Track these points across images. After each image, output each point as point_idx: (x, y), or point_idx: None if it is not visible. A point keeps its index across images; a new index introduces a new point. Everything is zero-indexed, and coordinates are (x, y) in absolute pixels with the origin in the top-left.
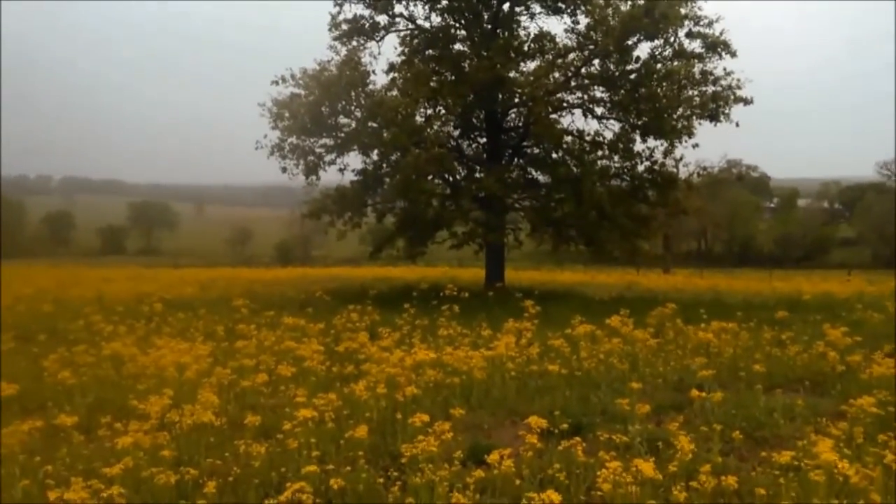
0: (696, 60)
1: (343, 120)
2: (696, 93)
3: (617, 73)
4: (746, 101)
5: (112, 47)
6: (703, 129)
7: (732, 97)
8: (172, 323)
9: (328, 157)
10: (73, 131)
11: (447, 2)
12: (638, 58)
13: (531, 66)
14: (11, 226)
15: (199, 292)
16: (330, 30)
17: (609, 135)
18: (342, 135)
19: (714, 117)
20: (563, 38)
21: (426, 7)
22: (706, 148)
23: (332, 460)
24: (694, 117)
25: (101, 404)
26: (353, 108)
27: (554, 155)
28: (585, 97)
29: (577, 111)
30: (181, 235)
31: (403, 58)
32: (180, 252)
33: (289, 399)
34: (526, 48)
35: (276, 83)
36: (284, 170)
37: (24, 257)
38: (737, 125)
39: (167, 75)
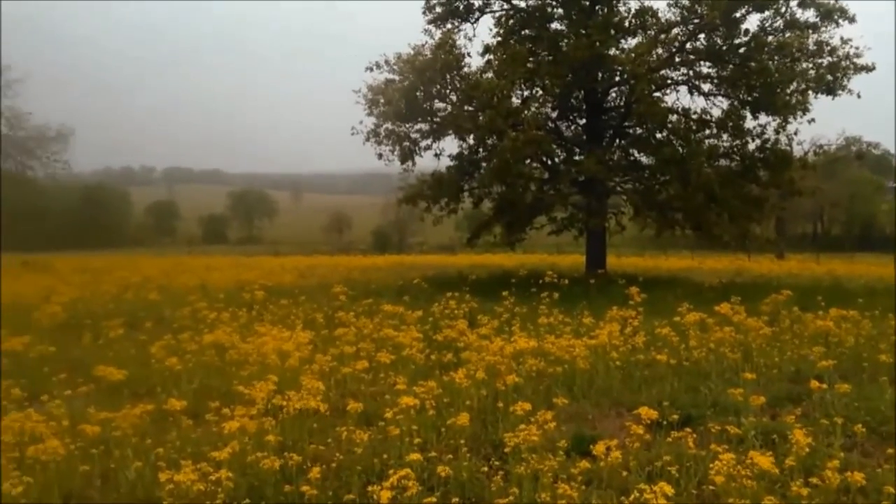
0: (810, 31)
1: (438, 104)
2: (810, 65)
3: (724, 48)
4: (868, 69)
5: (209, 45)
6: (820, 104)
7: (852, 67)
8: (273, 310)
9: (424, 143)
10: (177, 124)
11: None
12: (747, 31)
13: (632, 42)
14: (118, 216)
15: (298, 280)
16: (424, 13)
17: (717, 112)
18: (437, 119)
19: (831, 90)
20: (665, 13)
21: None
22: (822, 124)
23: (433, 448)
24: (809, 91)
25: (206, 390)
26: (448, 91)
27: (658, 135)
28: (691, 73)
29: (683, 88)
30: (280, 224)
31: (499, 39)
32: (279, 240)
33: (389, 386)
34: (627, 24)
35: (371, 69)
36: (380, 156)
37: (129, 246)
38: (858, 96)
39: (262, 68)
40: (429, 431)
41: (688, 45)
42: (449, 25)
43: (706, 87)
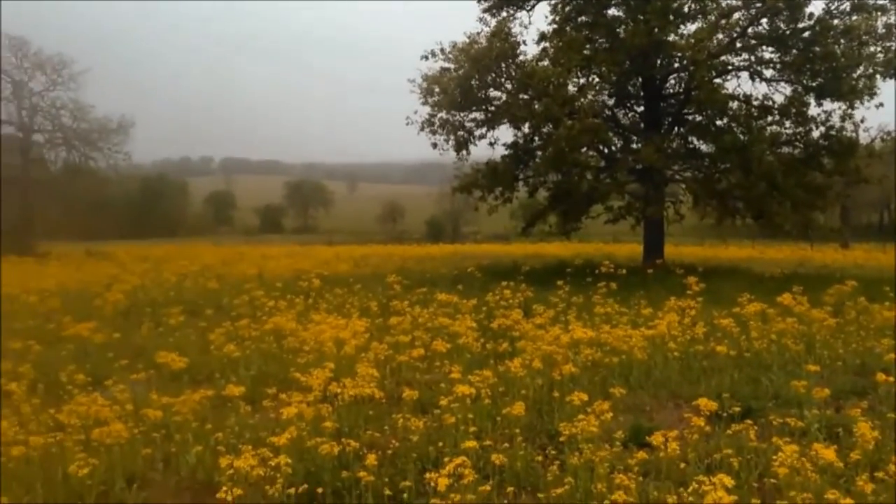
0: (878, 13)
1: (493, 93)
2: (878, 48)
3: (788, 32)
4: None
5: (267, 38)
6: (888, 88)
7: None
8: (329, 299)
9: (478, 132)
10: (234, 115)
11: None
12: (811, 14)
13: (692, 28)
14: (177, 206)
15: (353, 269)
16: (479, 1)
17: (779, 98)
18: (493, 108)
19: None
20: None
21: None
22: (891, 109)
23: (488, 437)
24: (877, 75)
25: (263, 376)
26: (503, 80)
27: (718, 122)
28: (752, 59)
29: (744, 74)
30: (335, 213)
31: (555, 26)
32: (334, 229)
33: (444, 375)
34: (686, 9)
35: (426, 58)
36: (435, 145)
37: (187, 236)
38: None
39: (318, 58)
40: (484, 420)
41: (749, 30)
42: (504, 13)
43: (768, 72)
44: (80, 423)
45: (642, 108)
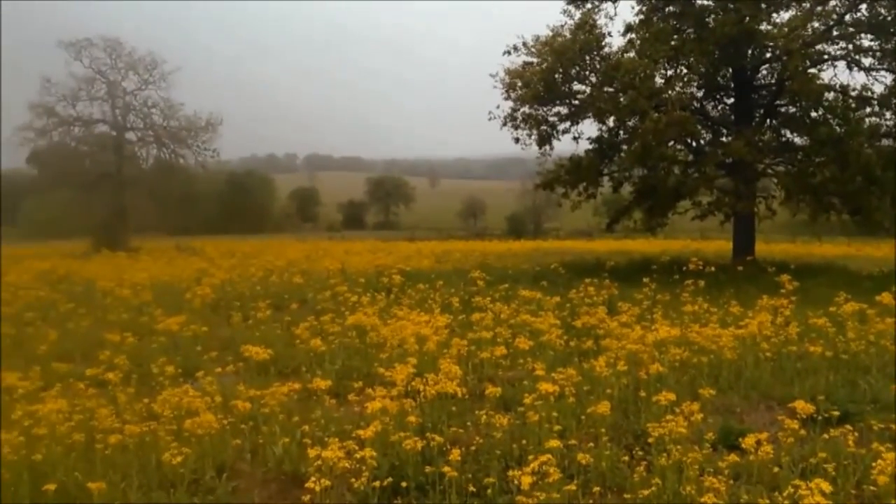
0: None
1: (577, 86)
2: None
3: (889, 18)
4: None
5: (348, 36)
6: None
7: None
8: (411, 294)
9: (562, 126)
10: (318, 113)
11: None
12: None
13: (785, 16)
14: (263, 202)
15: (434, 265)
16: None
17: (879, 88)
18: (576, 102)
19: None
20: None
21: None
22: None
23: (573, 436)
24: None
25: (347, 370)
26: (587, 73)
27: (813, 114)
28: (850, 47)
29: (841, 63)
30: (416, 209)
31: (641, 17)
32: (415, 225)
33: (527, 372)
34: None
35: (508, 52)
36: (517, 140)
37: (272, 231)
38: None
39: (399, 55)
40: (568, 419)
41: (847, 17)
42: (589, 5)
43: (867, 61)
44: (171, 413)
45: (732, 100)
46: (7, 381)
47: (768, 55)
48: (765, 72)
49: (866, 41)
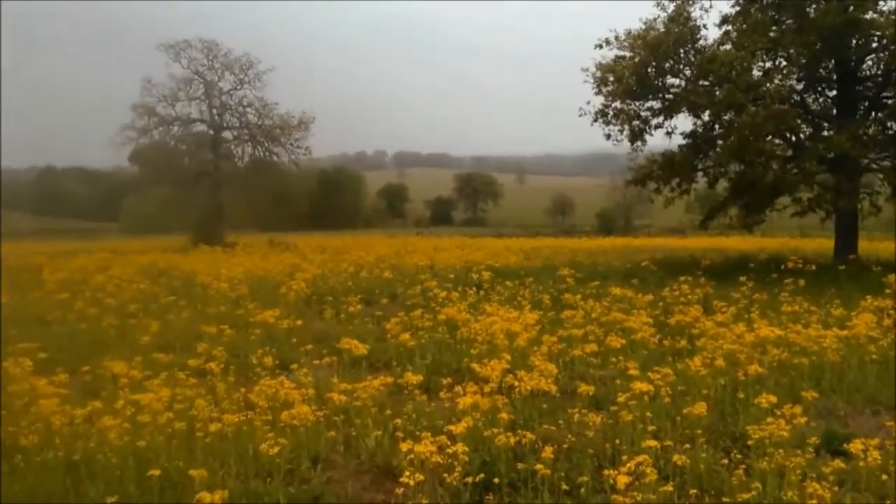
0: None
1: (671, 80)
2: None
3: None
4: None
5: (434, 35)
6: None
7: None
8: (500, 291)
9: (655, 121)
10: (406, 110)
11: None
12: None
13: (892, 4)
14: (353, 198)
15: (522, 261)
16: None
17: None
18: (670, 96)
19: None
20: None
21: None
22: None
23: (668, 437)
24: None
25: (437, 366)
26: (681, 66)
27: None
28: None
29: None
30: (503, 205)
31: (738, 8)
32: (503, 222)
33: (619, 371)
34: None
35: (600, 46)
36: (608, 136)
37: (361, 228)
38: None
39: (485, 51)
40: (662, 419)
41: None
42: None
43: None
44: (268, 403)
45: (834, 93)
46: (113, 370)
47: (874, 45)
48: (870, 62)
49: None
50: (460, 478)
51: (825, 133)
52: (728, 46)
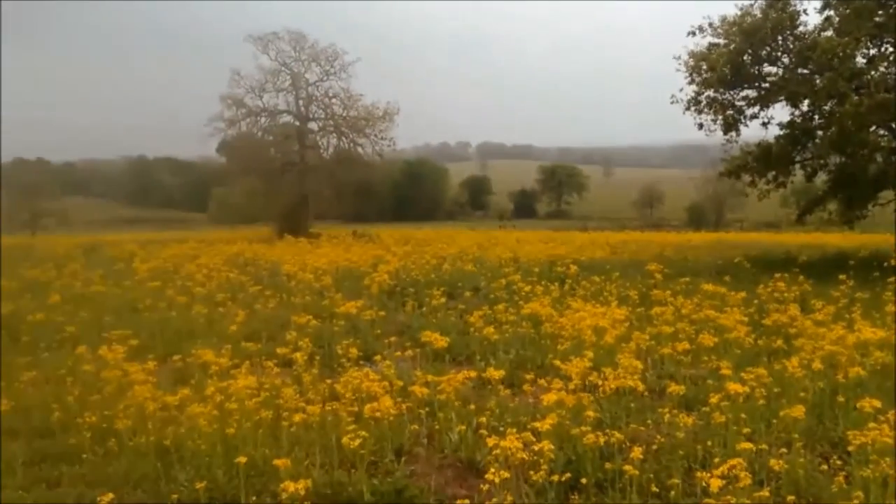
0: None
1: (768, 68)
2: None
3: None
4: None
5: (519, 25)
6: None
7: None
8: (586, 286)
9: (750, 111)
10: (490, 101)
11: None
12: None
13: None
14: (436, 190)
15: (609, 255)
16: None
17: None
18: (766, 85)
19: None
20: None
21: None
22: None
23: (762, 440)
24: None
25: (521, 361)
26: (779, 54)
27: None
28: None
29: None
30: (589, 198)
31: None
32: (588, 215)
33: (711, 371)
34: None
35: (693, 34)
36: (701, 126)
37: (443, 220)
38: None
39: (571, 41)
40: (757, 421)
41: None
42: None
43: None
44: (352, 395)
45: None
46: (202, 358)
47: None
48: None
49: None
50: (546, 476)
51: None
52: (829, 33)
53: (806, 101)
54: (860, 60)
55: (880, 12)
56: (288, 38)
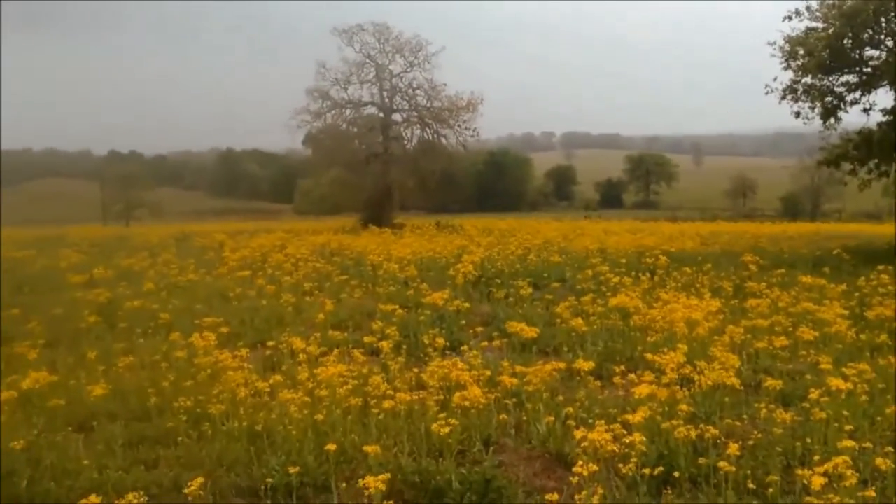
0: None
1: (870, 52)
2: None
3: None
4: None
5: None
6: None
7: None
8: (676, 277)
9: (850, 97)
10: (576, 90)
11: None
12: None
13: None
14: (519, 180)
15: (700, 246)
16: None
17: None
18: (868, 69)
19: None
20: None
21: None
22: None
23: (866, 438)
24: None
25: (610, 353)
26: (882, 37)
27: None
28: None
29: None
30: (678, 188)
31: None
32: (678, 205)
33: (809, 366)
34: None
35: (789, 18)
36: (798, 114)
37: (527, 210)
38: None
39: (663, 29)
40: (859, 419)
41: None
42: None
43: None
44: (439, 383)
45: None
46: (292, 346)
47: None
48: None
49: None
50: (637, 469)
51: None
52: None
53: None
54: None
55: None
56: (372, 30)
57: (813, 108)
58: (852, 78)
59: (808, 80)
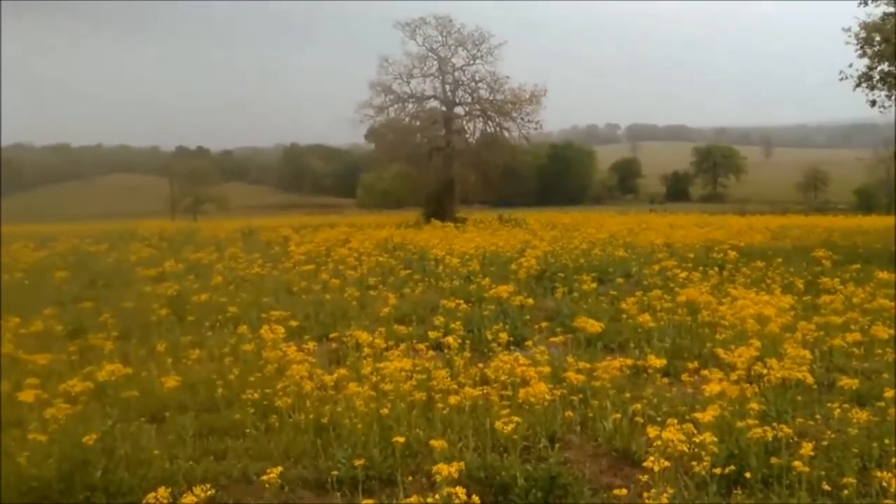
0: None
1: None
2: None
3: None
4: None
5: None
6: None
7: None
8: (746, 272)
9: None
10: (641, 81)
11: None
12: None
13: None
14: (583, 173)
15: (770, 241)
16: None
17: None
18: None
19: None
20: None
21: None
22: None
23: None
24: None
25: (678, 349)
26: None
27: None
28: None
29: None
30: (747, 180)
31: None
32: (747, 198)
33: (886, 364)
34: None
35: (865, 3)
36: (874, 103)
37: (590, 204)
38: None
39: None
40: None
41: None
42: None
43: None
44: (504, 379)
45: None
46: (357, 340)
47: None
48: None
49: None
50: (707, 469)
51: None
52: None
53: None
54: None
55: None
56: (435, 23)
57: (889, 97)
58: None
59: (884, 67)
